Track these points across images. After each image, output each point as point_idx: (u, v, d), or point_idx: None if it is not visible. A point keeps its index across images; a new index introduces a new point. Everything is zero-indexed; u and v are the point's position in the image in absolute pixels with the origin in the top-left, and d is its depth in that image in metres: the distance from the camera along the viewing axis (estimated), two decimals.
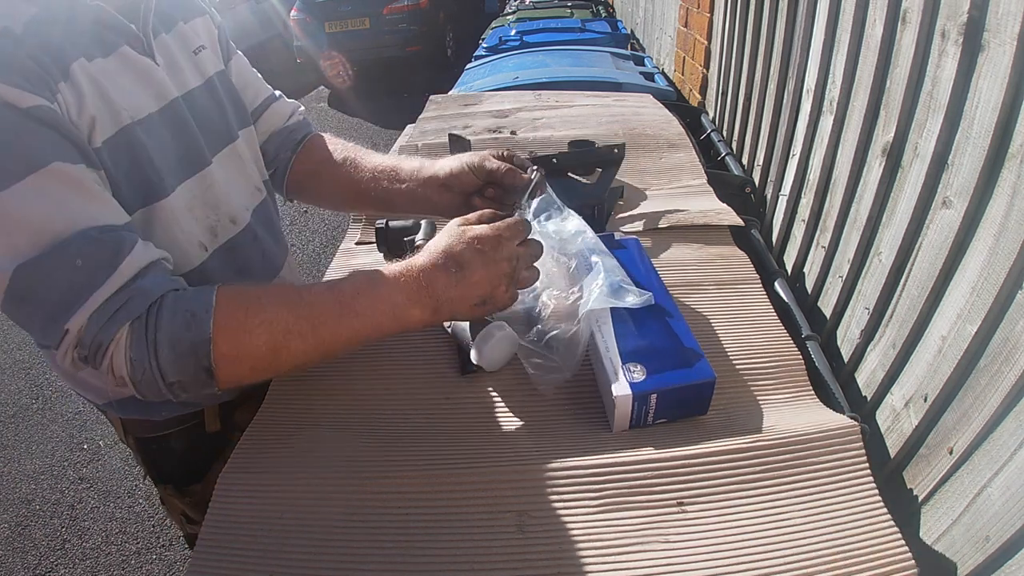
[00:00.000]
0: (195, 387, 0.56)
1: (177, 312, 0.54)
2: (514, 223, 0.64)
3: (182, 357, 0.54)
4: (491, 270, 0.61)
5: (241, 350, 0.55)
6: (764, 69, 1.36)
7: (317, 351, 0.58)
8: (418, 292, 0.60)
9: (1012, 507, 0.57)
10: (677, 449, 0.60)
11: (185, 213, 0.70)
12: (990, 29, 0.64)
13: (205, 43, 0.77)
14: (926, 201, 0.76)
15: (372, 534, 0.56)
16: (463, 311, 0.63)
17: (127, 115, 0.62)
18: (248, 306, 0.56)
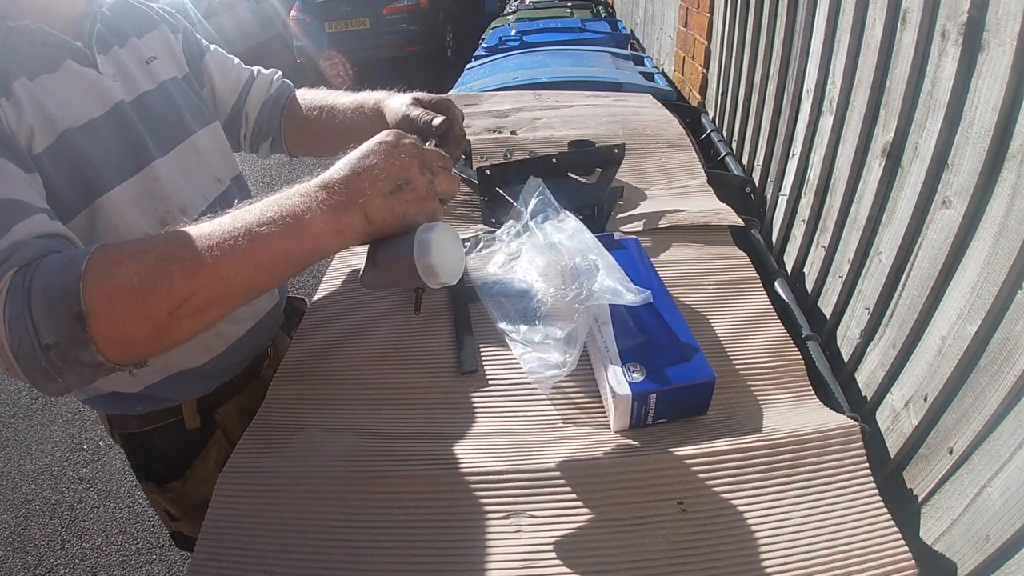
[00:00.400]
0: (71, 349, 0.48)
1: (55, 260, 0.50)
2: None
3: (53, 304, 0.47)
4: (394, 152, 0.56)
5: (111, 284, 0.48)
6: (764, 69, 1.36)
7: (199, 278, 0.49)
8: (317, 191, 0.53)
9: (1012, 507, 0.57)
10: (677, 449, 0.60)
11: (130, 206, 0.72)
12: (990, 29, 0.64)
13: (157, 54, 0.82)
14: (926, 201, 0.76)
15: (372, 534, 0.56)
16: (376, 203, 0.54)
17: (64, 123, 0.65)
18: (125, 244, 0.51)
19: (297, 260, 0.53)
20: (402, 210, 0.56)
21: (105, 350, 0.48)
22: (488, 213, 0.99)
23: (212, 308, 0.51)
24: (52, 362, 0.48)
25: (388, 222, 0.56)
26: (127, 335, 0.49)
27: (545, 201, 0.73)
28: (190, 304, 0.49)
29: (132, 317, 0.48)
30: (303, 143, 1.00)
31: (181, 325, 0.50)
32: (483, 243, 0.90)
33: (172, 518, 0.93)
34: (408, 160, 0.56)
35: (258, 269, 0.51)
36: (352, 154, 0.57)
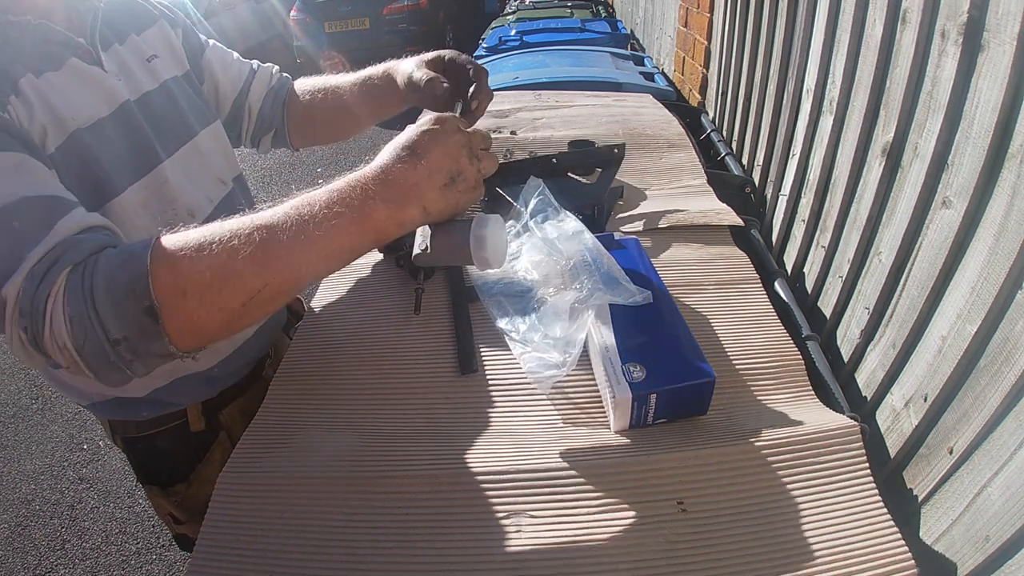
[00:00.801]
0: (143, 343, 0.49)
1: (115, 255, 0.50)
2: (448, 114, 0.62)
3: (120, 300, 0.47)
4: (446, 143, 0.58)
5: (182, 278, 0.48)
6: (764, 69, 1.36)
7: (271, 271, 0.51)
8: (378, 186, 0.55)
9: (1012, 507, 0.57)
10: (677, 449, 0.60)
11: (139, 210, 0.71)
12: (990, 29, 0.64)
13: (158, 52, 0.81)
14: (926, 201, 0.76)
15: (372, 534, 0.56)
16: (433, 196, 0.57)
17: (74, 123, 0.64)
18: (188, 234, 0.51)
19: (361, 249, 0.56)
20: (455, 200, 0.58)
21: (177, 341, 0.50)
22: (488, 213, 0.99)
23: (283, 296, 0.54)
24: (121, 356, 0.49)
25: (443, 212, 0.59)
26: (200, 327, 0.50)
27: (545, 201, 0.73)
28: (263, 295, 0.51)
29: (206, 310, 0.49)
30: (307, 132, 1.00)
31: (253, 313, 0.52)
32: None
33: (176, 521, 0.93)
34: (458, 151, 0.58)
35: (327, 259, 0.54)
36: (403, 141, 0.58)
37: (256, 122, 0.98)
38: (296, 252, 0.51)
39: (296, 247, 0.51)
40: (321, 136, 1.03)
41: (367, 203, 0.54)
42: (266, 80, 0.97)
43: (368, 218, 0.54)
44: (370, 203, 0.54)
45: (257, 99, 0.96)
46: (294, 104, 0.98)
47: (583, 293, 0.68)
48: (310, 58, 6.11)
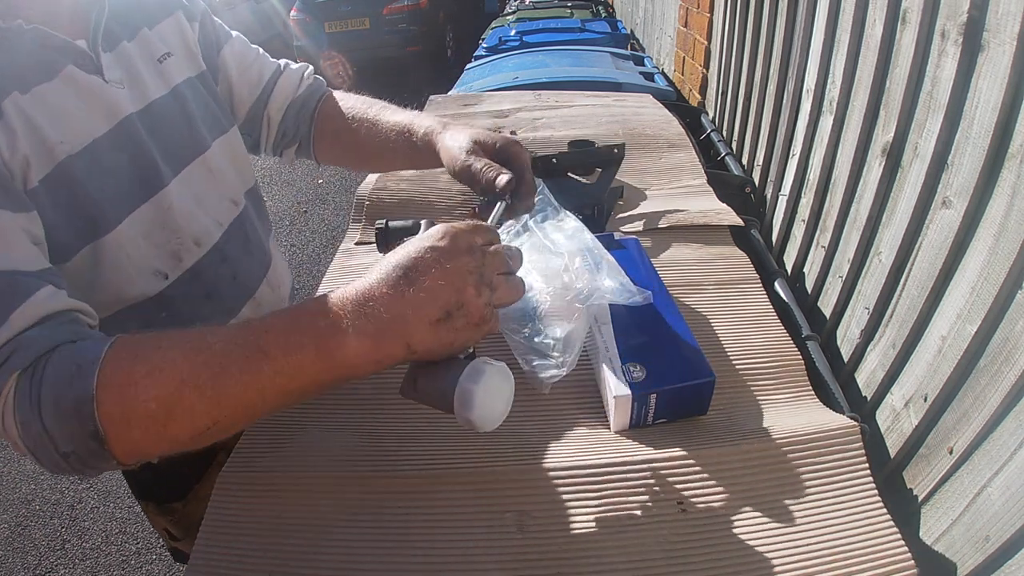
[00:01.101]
0: (92, 460, 0.45)
1: (63, 364, 0.45)
2: (474, 222, 0.52)
3: (67, 419, 0.44)
4: (450, 267, 0.46)
5: (127, 408, 0.44)
6: (764, 69, 1.36)
7: (223, 409, 0.45)
8: (352, 313, 0.45)
9: (1012, 507, 0.57)
10: (677, 449, 0.60)
11: (140, 241, 0.65)
12: (990, 29, 0.64)
13: (173, 48, 0.73)
14: (926, 201, 0.76)
15: (372, 534, 0.56)
16: (421, 333, 0.46)
17: (63, 149, 0.58)
18: (139, 353, 0.45)
19: (329, 386, 0.47)
20: (450, 339, 0.47)
21: (125, 461, 0.46)
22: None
23: (235, 428, 0.48)
24: (72, 465, 0.46)
25: (433, 351, 0.48)
26: (146, 453, 0.47)
27: (545, 201, 0.73)
28: (213, 430, 0.45)
29: (152, 440, 0.45)
30: (334, 153, 0.89)
31: (204, 443, 0.47)
32: None
33: (172, 537, 0.91)
34: (463, 279, 0.47)
35: (286, 397, 0.46)
36: (397, 259, 0.47)
37: (277, 133, 0.87)
38: (250, 391, 0.45)
39: (251, 386, 0.44)
40: (349, 163, 0.91)
41: (335, 336, 0.45)
42: (292, 86, 0.86)
43: (334, 354, 0.45)
44: (339, 337, 0.45)
45: (279, 108, 0.86)
46: (326, 119, 0.86)
47: (583, 293, 0.68)
48: (310, 58, 6.11)
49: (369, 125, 0.81)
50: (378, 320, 0.45)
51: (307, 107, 0.87)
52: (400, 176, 1.14)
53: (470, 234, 0.49)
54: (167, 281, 0.69)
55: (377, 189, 1.11)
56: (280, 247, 3.57)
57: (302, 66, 0.90)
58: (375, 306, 0.45)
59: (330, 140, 0.87)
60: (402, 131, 0.77)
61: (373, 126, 0.81)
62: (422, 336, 0.46)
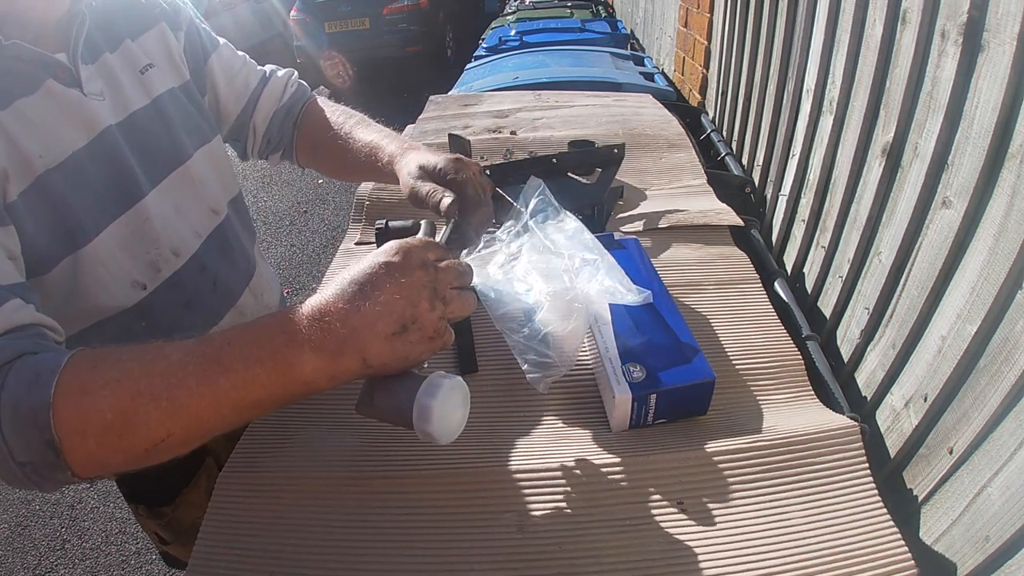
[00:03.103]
0: (47, 470, 0.45)
1: (24, 372, 0.45)
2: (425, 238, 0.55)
3: (24, 428, 0.44)
4: (404, 282, 0.48)
5: (83, 417, 0.44)
6: (764, 69, 1.36)
7: (178, 421, 0.45)
8: (308, 328, 0.46)
9: (1012, 507, 0.57)
10: (677, 449, 0.60)
11: (116, 253, 0.66)
12: (990, 29, 0.64)
13: (155, 59, 0.74)
14: (926, 201, 0.76)
15: (372, 534, 0.56)
16: (376, 347, 0.47)
17: (42, 163, 0.59)
18: (98, 364, 0.46)
19: (283, 401, 0.48)
20: (405, 352, 0.49)
21: (81, 473, 0.45)
22: None
23: (192, 443, 0.47)
24: (28, 476, 0.45)
25: (388, 365, 0.49)
26: (103, 464, 0.46)
27: (545, 201, 0.73)
28: (167, 443, 0.45)
29: (107, 451, 0.45)
30: (313, 162, 0.92)
31: (158, 458, 0.47)
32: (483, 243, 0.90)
33: (162, 541, 0.92)
34: (417, 293, 0.48)
35: (240, 411, 0.47)
36: (353, 275, 0.48)
37: (263, 140, 0.90)
38: (205, 403, 0.45)
39: (205, 398, 0.45)
40: (325, 172, 0.95)
41: (292, 351, 0.46)
42: (276, 95, 0.88)
43: (291, 370, 0.46)
44: (295, 351, 0.46)
45: (264, 117, 0.88)
46: (307, 128, 0.89)
47: (583, 293, 0.68)
48: (310, 58, 6.11)
49: (343, 142, 0.83)
50: (334, 334, 0.46)
51: (290, 116, 0.89)
52: None
53: (422, 250, 0.51)
54: (145, 291, 0.70)
55: (377, 189, 1.11)
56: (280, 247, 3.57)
57: (287, 73, 0.91)
58: (331, 320, 0.46)
59: (308, 150, 0.90)
60: (370, 152, 0.79)
61: (346, 143, 0.83)
62: (378, 350, 0.47)
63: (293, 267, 3.21)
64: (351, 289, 0.47)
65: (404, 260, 0.49)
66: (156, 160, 0.71)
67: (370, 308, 0.46)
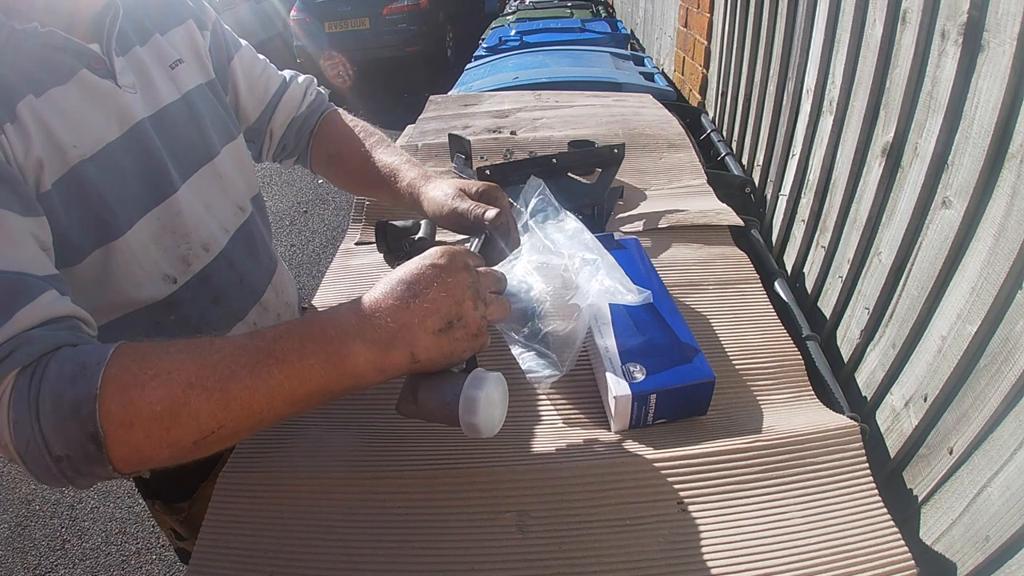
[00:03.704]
0: (85, 465, 0.44)
1: (66, 363, 0.45)
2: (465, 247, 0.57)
3: (65, 419, 0.43)
4: (450, 282, 0.51)
5: (132, 409, 0.43)
6: (764, 69, 1.36)
7: (229, 412, 0.45)
8: (360, 322, 0.48)
9: (1012, 507, 0.57)
10: (677, 449, 0.60)
11: (149, 246, 0.66)
12: (990, 29, 0.64)
13: (184, 56, 0.74)
14: (926, 201, 0.76)
15: (372, 534, 0.56)
16: (425, 341, 0.49)
17: (76, 153, 0.59)
18: (146, 356, 0.45)
19: (334, 395, 0.49)
20: (450, 348, 0.51)
21: (121, 468, 0.45)
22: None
23: (239, 436, 0.48)
24: (63, 471, 0.45)
25: (435, 361, 0.51)
26: (146, 458, 0.45)
27: (545, 200, 0.73)
28: (216, 435, 0.45)
29: (153, 444, 0.44)
30: (327, 173, 0.93)
31: (204, 451, 0.47)
32: None
33: (178, 537, 0.92)
34: (462, 293, 0.51)
35: (292, 404, 0.48)
36: (401, 274, 0.51)
37: (278, 146, 0.91)
38: (258, 395, 0.45)
39: (259, 390, 0.45)
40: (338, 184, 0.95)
41: (345, 343, 0.47)
42: (295, 103, 0.89)
43: (344, 361, 0.47)
44: (348, 344, 0.47)
45: (281, 125, 0.89)
46: (323, 141, 0.90)
47: (583, 293, 0.68)
48: (310, 58, 6.11)
49: (361, 160, 0.84)
50: (385, 329, 0.48)
51: (308, 125, 0.90)
52: None
53: (465, 255, 0.54)
54: (176, 285, 0.70)
55: None
56: (280, 247, 3.56)
57: (306, 80, 0.92)
58: (382, 316, 0.48)
59: (325, 162, 0.91)
60: (388, 175, 0.80)
61: (364, 162, 0.84)
62: (426, 345, 0.50)
63: (293, 267, 3.21)
64: (400, 288, 0.50)
65: (450, 262, 0.52)
66: (187, 155, 0.72)
67: (419, 305, 0.49)
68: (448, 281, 0.51)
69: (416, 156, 1.23)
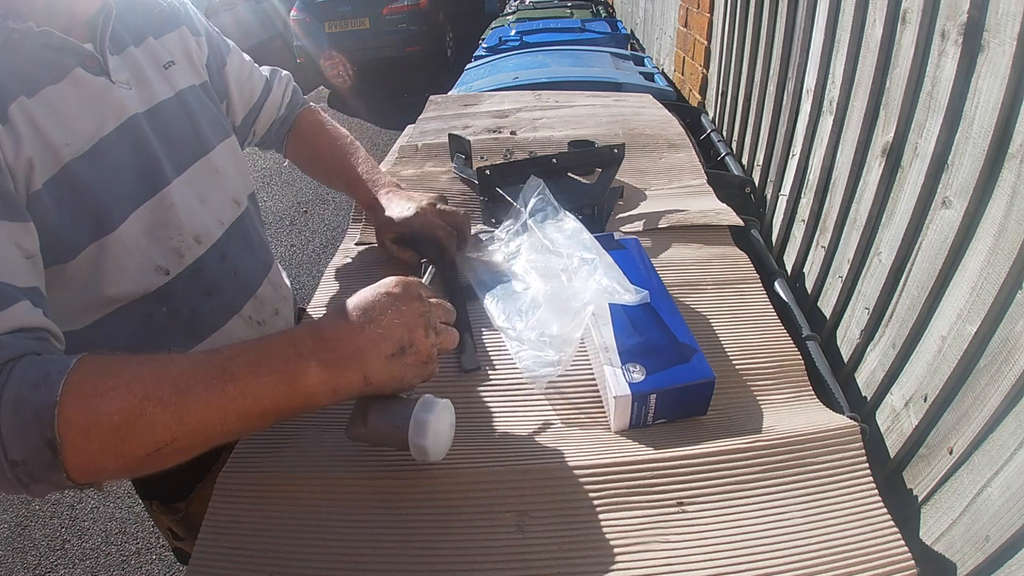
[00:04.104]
0: (41, 471, 0.44)
1: (31, 369, 0.45)
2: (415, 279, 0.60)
3: (24, 424, 0.43)
4: (404, 309, 0.53)
5: (89, 418, 0.44)
6: (764, 69, 1.36)
7: (183, 426, 0.46)
8: (314, 345, 0.50)
9: (1012, 507, 0.57)
10: (677, 449, 0.60)
11: (141, 240, 0.67)
12: (990, 29, 0.64)
13: (176, 59, 0.76)
14: (926, 201, 0.76)
15: (372, 534, 0.56)
16: (377, 364, 0.52)
17: (68, 151, 0.59)
18: (108, 368, 0.47)
19: (286, 413, 0.51)
20: (401, 373, 0.54)
21: (76, 476, 0.45)
22: (488, 213, 0.99)
23: (192, 451, 0.48)
24: (19, 477, 0.45)
25: (386, 384, 0.54)
26: (101, 468, 0.46)
27: (545, 200, 0.73)
28: (170, 448, 0.46)
29: (108, 454, 0.45)
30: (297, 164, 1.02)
31: (157, 464, 0.48)
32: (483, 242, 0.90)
33: (176, 536, 0.92)
34: (415, 321, 0.54)
35: (245, 421, 0.49)
36: (356, 301, 0.54)
37: (259, 142, 0.99)
38: (212, 410, 0.47)
39: (213, 404, 0.47)
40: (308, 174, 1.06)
41: (300, 364, 0.49)
42: (276, 105, 0.95)
43: (297, 381, 0.49)
44: (303, 364, 0.49)
45: (264, 125, 0.95)
46: (296, 140, 0.98)
47: (581, 292, 0.68)
48: (310, 58, 6.11)
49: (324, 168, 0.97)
50: (340, 352, 0.51)
51: (286, 124, 0.98)
52: (400, 176, 1.14)
53: (418, 286, 0.57)
54: (168, 277, 0.71)
55: None
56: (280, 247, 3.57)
57: (284, 79, 0.99)
58: (338, 339, 0.51)
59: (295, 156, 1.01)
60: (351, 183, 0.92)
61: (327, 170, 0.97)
62: (378, 368, 0.52)
63: (293, 267, 3.21)
64: (356, 313, 0.52)
65: (404, 291, 0.55)
66: (181, 149, 0.73)
67: (373, 330, 0.52)
68: (402, 309, 0.53)
69: (416, 156, 1.23)
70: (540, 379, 0.66)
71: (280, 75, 0.98)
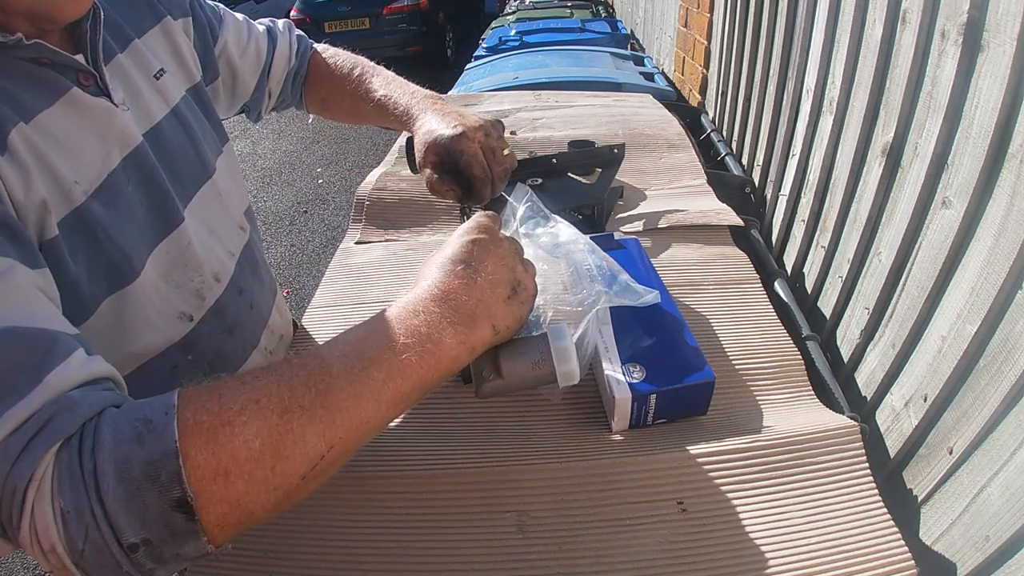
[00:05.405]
0: (171, 546, 0.36)
1: (123, 423, 0.37)
2: (491, 213, 0.58)
3: (138, 491, 0.35)
4: (499, 252, 0.52)
5: (224, 453, 0.36)
6: (764, 69, 1.36)
7: (337, 429, 0.40)
8: (440, 307, 0.47)
9: (1012, 507, 0.57)
10: (677, 449, 0.60)
11: (160, 285, 0.60)
12: (990, 29, 0.64)
13: (165, 63, 0.67)
14: (926, 201, 0.76)
15: (372, 534, 0.56)
16: (500, 311, 0.50)
17: (79, 190, 0.51)
18: (222, 392, 0.39)
19: (433, 385, 0.46)
20: (520, 313, 0.52)
21: (217, 535, 0.37)
22: None
23: (344, 458, 0.42)
24: (139, 563, 0.36)
25: (511, 328, 0.52)
26: (248, 513, 0.38)
27: (535, 208, 0.72)
28: (326, 461, 0.40)
29: (256, 491, 0.37)
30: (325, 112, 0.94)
31: (312, 484, 0.41)
32: None
33: None
34: (512, 259, 0.53)
35: (397, 404, 0.44)
36: (449, 255, 0.51)
37: (276, 101, 0.91)
38: (364, 401, 0.41)
39: (363, 396, 0.41)
40: (336, 120, 0.98)
41: (433, 330, 0.45)
42: (286, 56, 0.87)
43: (437, 348, 0.45)
44: (436, 330, 0.45)
45: (278, 81, 0.88)
46: (315, 82, 0.90)
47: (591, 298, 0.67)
48: None
49: (351, 99, 0.87)
50: (464, 308, 0.48)
51: (300, 74, 0.90)
52: (400, 176, 1.14)
53: (494, 221, 0.55)
54: (192, 323, 0.64)
55: (377, 189, 1.11)
56: (280, 247, 3.57)
57: (286, 27, 0.90)
58: (456, 297, 0.48)
59: (318, 105, 0.93)
60: (379, 107, 0.82)
61: (354, 99, 0.86)
62: (502, 314, 0.51)
63: (293, 267, 3.21)
64: (457, 268, 0.50)
65: (489, 233, 0.53)
66: (185, 176, 0.65)
67: (484, 279, 0.50)
68: (498, 251, 0.52)
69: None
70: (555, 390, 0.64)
71: (280, 23, 0.89)
